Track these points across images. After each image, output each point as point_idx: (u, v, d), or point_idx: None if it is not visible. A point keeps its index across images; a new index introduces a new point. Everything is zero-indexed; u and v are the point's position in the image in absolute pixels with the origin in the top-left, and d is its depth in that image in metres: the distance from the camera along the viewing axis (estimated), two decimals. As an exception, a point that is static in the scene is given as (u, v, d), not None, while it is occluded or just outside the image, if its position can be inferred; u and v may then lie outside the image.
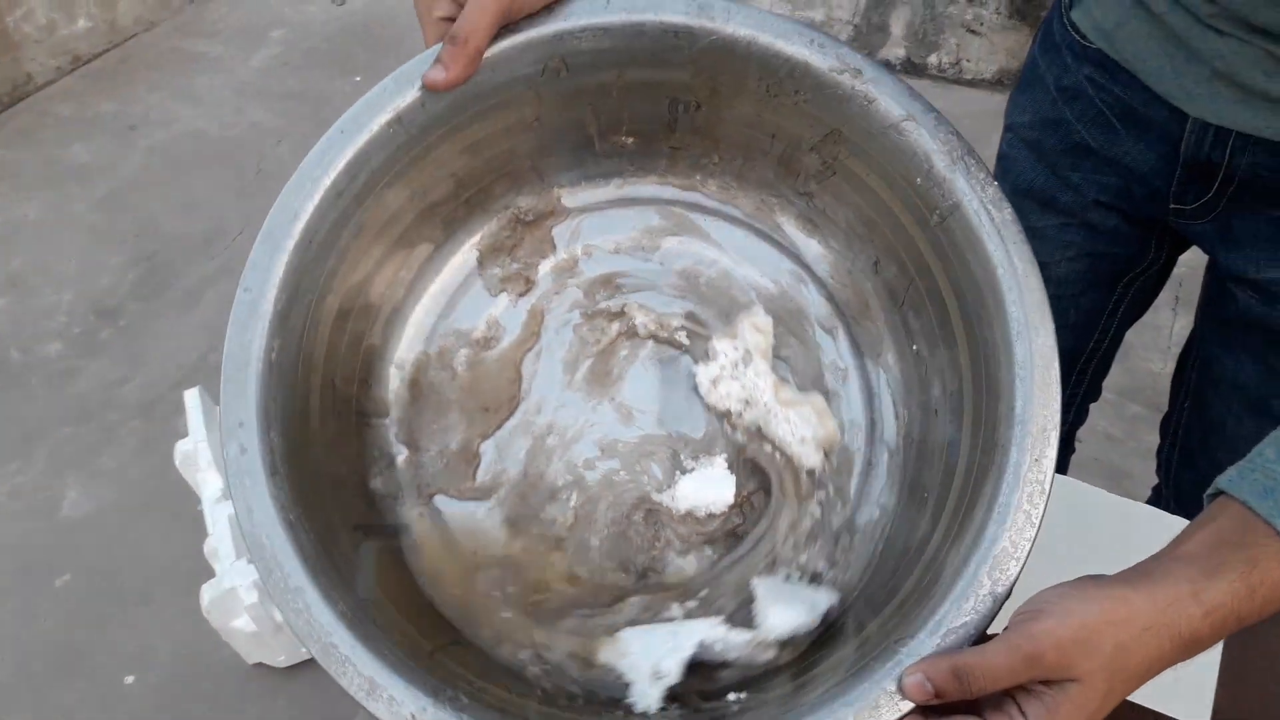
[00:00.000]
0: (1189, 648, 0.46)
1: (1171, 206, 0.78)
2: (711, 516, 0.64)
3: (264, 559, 0.50)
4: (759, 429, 0.65)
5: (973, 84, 2.55)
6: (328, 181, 0.57)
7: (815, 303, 0.68)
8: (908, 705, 0.48)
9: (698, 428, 0.66)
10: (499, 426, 0.66)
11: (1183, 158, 0.74)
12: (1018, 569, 0.50)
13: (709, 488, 0.64)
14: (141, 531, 1.65)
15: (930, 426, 0.63)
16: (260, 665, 1.43)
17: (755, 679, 0.57)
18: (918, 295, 0.64)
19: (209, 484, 1.42)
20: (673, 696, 0.56)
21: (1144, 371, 1.79)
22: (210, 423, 1.50)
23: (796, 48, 0.60)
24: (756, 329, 0.66)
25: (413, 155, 0.61)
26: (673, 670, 0.56)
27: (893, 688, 0.48)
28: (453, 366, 0.67)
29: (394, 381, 0.66)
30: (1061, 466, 0.96)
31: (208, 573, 1.35)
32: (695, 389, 0.66)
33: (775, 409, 0.65)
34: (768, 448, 0.64)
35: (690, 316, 0.68)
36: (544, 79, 0.62)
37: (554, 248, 0.70)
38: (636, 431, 0.66)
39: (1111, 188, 0.82)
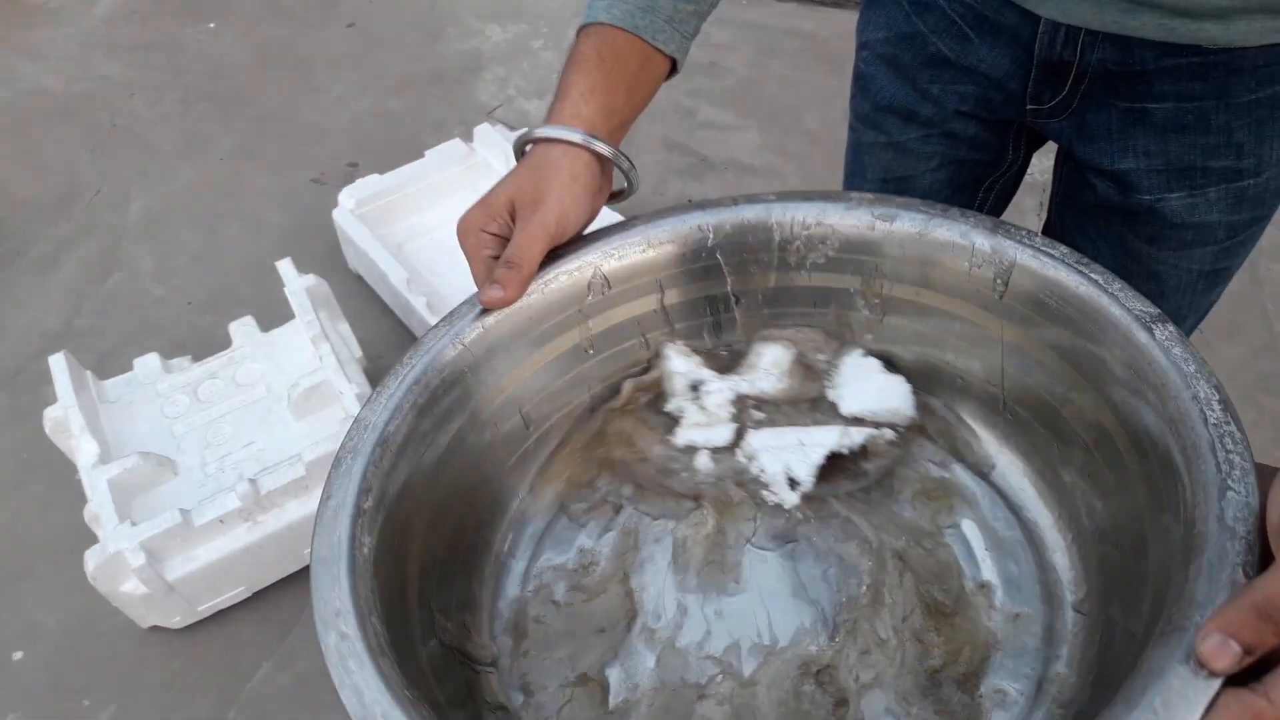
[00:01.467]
0: None
1: (1029, 107, 0.81)
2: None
3: None
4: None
5: (839, 5, 2.57)
6: (401, 395, 0.58)
7: (918, 444, 0.67)
8: (1214, 685, 0.38)
9: (838, 584, 0.61)
10: (620, 645, 0.60)
11: (1036, 59, 0.76)
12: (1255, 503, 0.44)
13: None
14: (17, 505, 1.59)
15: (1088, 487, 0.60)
16: (156, 628, 1.40)
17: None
18: (1014, 382, 0.63)
19: (84, 450, 1.37)
20: None
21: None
22: (80, 387, 1.45)
23: (805, 210, 0.66)
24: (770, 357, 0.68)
25: (478, 380, 0.63)
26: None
27: (1187, 672, 0.39)
28: (554, 600, 0.62)
29: (496, 630, 0.61)
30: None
31: (91, 540, 1.31)
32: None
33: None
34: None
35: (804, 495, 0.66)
36: (590, 299, 0.66)
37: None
38: (775, 606, 0.60)
39: (970, 96, 0.84)
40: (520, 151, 0.67)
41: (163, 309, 1.89)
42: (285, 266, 1.59)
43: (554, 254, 0.65)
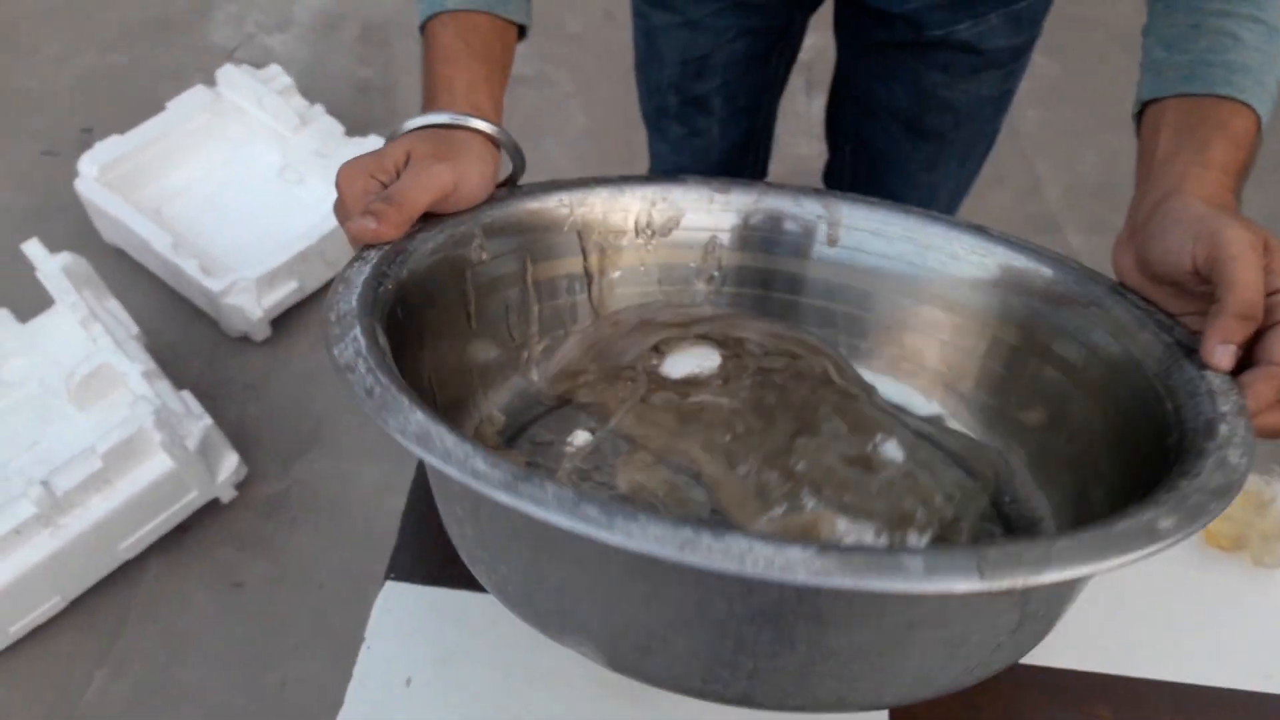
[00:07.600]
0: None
1: None
2: None
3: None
4: None
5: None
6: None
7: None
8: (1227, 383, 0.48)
9: None
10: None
11: None
12: None
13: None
14: None
15: None
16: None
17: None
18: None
19: None
20: None
21: (794, 156, 1.91)
22: None
23: (650, 191, 0.68)
24: None
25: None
26: None
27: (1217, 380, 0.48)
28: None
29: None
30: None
31: None
32: None
33: None
34: None
35: None
36: (474, 264, 0.62)
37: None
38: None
39: None
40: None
41: (-107, 317, 1.68)
42: (33, 247, 1.43)
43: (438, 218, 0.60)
